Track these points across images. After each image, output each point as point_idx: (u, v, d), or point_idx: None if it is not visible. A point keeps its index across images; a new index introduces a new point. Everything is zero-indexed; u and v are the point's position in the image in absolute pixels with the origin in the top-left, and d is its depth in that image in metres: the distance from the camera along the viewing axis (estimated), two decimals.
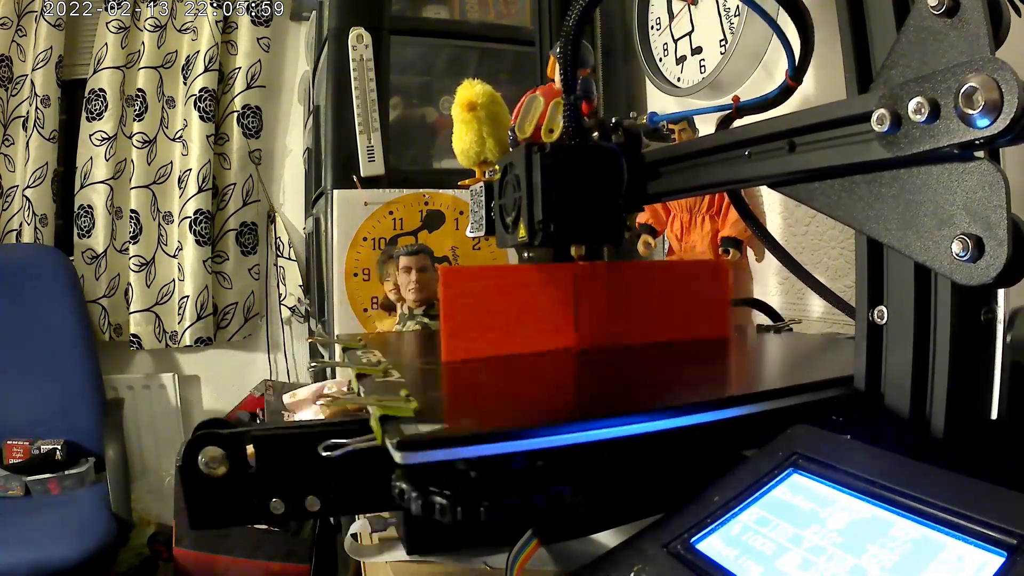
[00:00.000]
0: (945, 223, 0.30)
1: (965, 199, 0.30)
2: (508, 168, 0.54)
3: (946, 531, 0.25)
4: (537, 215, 0.50)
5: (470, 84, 0.60)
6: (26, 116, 1.79)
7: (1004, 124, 0.27)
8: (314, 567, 1.49)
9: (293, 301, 1.91)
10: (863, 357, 0.38)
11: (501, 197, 0.56)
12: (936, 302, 0.35)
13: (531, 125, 0.54)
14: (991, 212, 0.29)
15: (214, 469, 0.40)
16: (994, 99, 0.27)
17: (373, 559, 0.49)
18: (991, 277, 0.28)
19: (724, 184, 0.46)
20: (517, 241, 0.53)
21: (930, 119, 0.29)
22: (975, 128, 0.27)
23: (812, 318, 0.85)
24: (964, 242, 0.29)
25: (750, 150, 0.41)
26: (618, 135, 0.54)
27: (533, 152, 0.50)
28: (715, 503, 0.32)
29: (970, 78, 0.27)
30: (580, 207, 0.51)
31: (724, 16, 0.94)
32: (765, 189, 0.92)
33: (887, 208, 0.33)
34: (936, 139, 0.29)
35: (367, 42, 1.17)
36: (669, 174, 0.50)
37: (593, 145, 0.53)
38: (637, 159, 0.52)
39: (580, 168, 0.51)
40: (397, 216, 1.17)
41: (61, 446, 1.57)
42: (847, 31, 0.37)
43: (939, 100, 0.29)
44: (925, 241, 0.31)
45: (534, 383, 0.49)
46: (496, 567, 0.44)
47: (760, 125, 0.40)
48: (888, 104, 0.31)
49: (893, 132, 0.31)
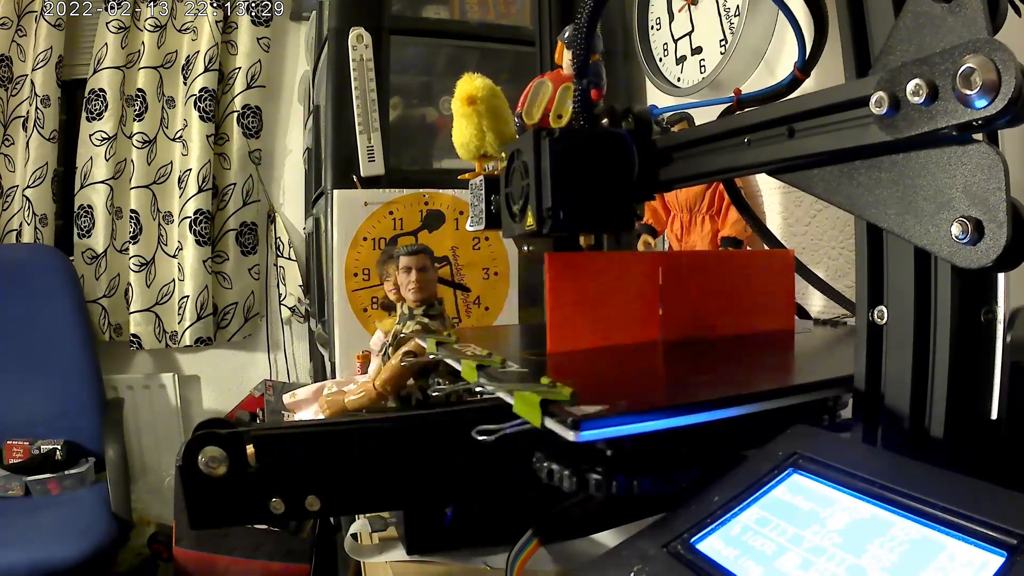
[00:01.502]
0: (944, 207, 0.30)
1: (964, 182, 0.30)
2: (515, 155, 0.53)
3: (946, 531, 0.25)
4: (546, 202, 0.49)
5: (470, 78, 0.60)
6: (26, 116, 1.79)
7: (1002, 104, 0.27)
8: (314, 567, 1.49)
9: (293, 301, 1.91)
10: (863, 357, 0.38)
11: (508, 185, 0.55)
12: (936, 302, 0.35)
13: (539, 110, 0.52)
14: (990, 194, 0.29)
15: (214, 469, 0.40)
16: (992, 80, 0.27)
17: (373, 559, 0.49)
18: (991, 260, 0.28)
19: (725, 171, 0.45)
20: (525, 230, 0.52)
21: (928, 101, 0.29)
22: (973, 109, 0.27)
23: (812, 318, 0.85)
24: (964, 224, 0.29)
25: (749, 137, 0.41)
26: (628, 122, 0.53)
27: (542, 137, 0.49)
28: (715, 503, 0.32)
29: (968, 59, 0.27)
30: (590, 194, 0.50)
31: (724, 16, 0.94)
32: (764, 189, 0.92)
33: (886, 193, 0.33)
34: (934, 121, 0.29)
35: (367, 42, 1.17)
36: (678, 161, 0.49)
37: (603, 131, 0.52)
38: (647, 146, 0.51)
39: (590, 154, 0.50)
40: (397, 216, 1.17)
41: (61, 446, 1.57)
42: (845, 18, 0.37)
43: (937, 82, 0.29)
44: (925, 225, 0.31)
45: (644, 368, 0.50)
46: (496, 567, 0.44)
47: (760, 111, 0.40)
48: (886, 87, 0.31)
49: (892, 115, 0.31)
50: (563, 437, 0.33)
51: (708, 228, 0.93)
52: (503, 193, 0.56)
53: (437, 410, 0.55)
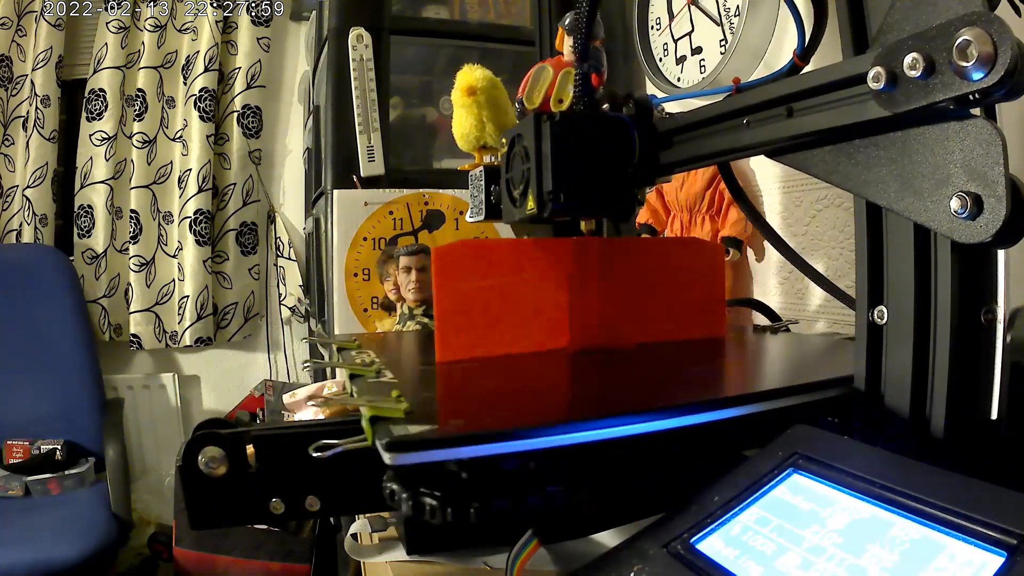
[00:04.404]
0: (944, 183, 0.30)
1: (963, 157, 0.30)
2: (516, 140, 0.53)
3: (946, 531, 0.25)
4: (547, 185, 0.48)
5: (470, 69, 0.60)
6: (26, 116, 1.79)
7: (998, 76, 0.27)
8: (314, 567, 1.49)
9: (293, 301, 1.91)
10: (863, 357, 0.38)
11: (508, 171, 0.55)
12: (936, 302, 0.35)
13: (540, 95, 0.52)
14: (989, 169, 0.29)
15: (214, 469, 0.40)
16: (988, 52, 0.27)
17: (373, 559, 0.49)
18: (990, 234, 0.29)
19: (726, 153, 0.45)
20: (526, 214, 0.52)
21: (925, 74, 0.29)
22: (970, 81, 0.28)
23: (812, 318, 0.85)
24: (963, 199, 0.29)
25: (749, 118, 0.41)
26: (628, 107, 0.52)
27: (543, 121, 0.49)
28: (715, 503, 0.31)
29: (964, 32, 0.27)
30: (591, 178, 0.49)
31: (724, 16, 0.94)
32: (764, 189, 0.92)
33: (885, 171, 0.33)
34: (932, 94, 0.29)
35: (367, 42, 1.17)
36: (678, 144, 0.49)
37: (604, 115, 0.52)
38: (648, 130, 0.51)
39: (591, 138, 0.49)
40: (397, 216, 1.17)
41: (61, 446, 1.57)
42: (843, 0, 0.37)
43: (934, 56, 0.29)
44: (924, 202, 0.31)
45: (528, 383, 0.48)
46: (496, 567, 0.44)
47: (759, 92, 0.40)
48: (884, 62, 0.31)
49: (889, 89, 0.31)
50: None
51: (708, 228, 0.93)
52: (503, 179, 0.56)
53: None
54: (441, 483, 0.33)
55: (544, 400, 0.44)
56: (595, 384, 0.49)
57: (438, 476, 0.33)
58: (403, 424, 0.33)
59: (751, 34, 0.89)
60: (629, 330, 0.55)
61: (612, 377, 0.49)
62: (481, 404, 0.43)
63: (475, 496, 0.33)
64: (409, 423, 0.33)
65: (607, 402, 0.42)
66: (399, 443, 0.31)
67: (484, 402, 0.44)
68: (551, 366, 0.51)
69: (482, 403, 0.43)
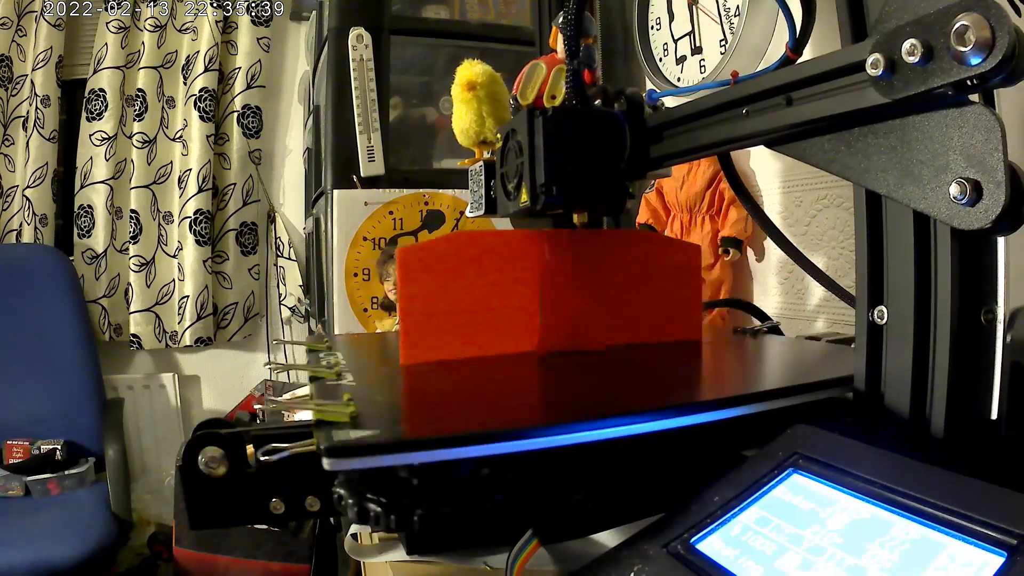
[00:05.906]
0: (943, 170, 0.30)
1: (962, 144, 0.30)
2: (510, 134, 0.53)
3: (946, 531, 0.25)
4: (539, 179, 0.49)
5: (470, 64, 0.60)
6: (26, 116, 1.79)
7: (996, 60, 0.27)
8: (314, 567, 1.49)
9: (293, 301, 1.91)
10: (863, 357, 0.38)
11: (503, 165, 0.55)
12: (936, 302, 0.35)
13: (533, 91, 0.53)
14: (988, 155, 0.29)
15: (214, 469, 0.40)
16: (986, 37, 0.27)
17: (373, 559, 0.49)
18: (990, 220, 0.29)
19: (724, 143, 0.45)
20: (519, 207, 0.52)
21: (924, 60, 0.29)
22: (968, 66, 0.28)
23: (812, 318, 0.85)
24: (962, 185, 0.29)
25: (748, 108, 0.41)
26: (620, 103, 0.53)
27: (535, 116, 0.49)
28: (715, 503, 0.31)
29: (962, 17, 0.27)
30: (583, 171, 0.50)
31: (724, 16, 0.94)
32: (764, 189, 0.92)
33: (884, 159, 0.33)
34: (930, 80, 0.29)
35: (367, 42, 1.17)
36: (670, 138, 0.50)
37: (596, 110, 0.53)
38: (639, 126, 0.52)
39: (582, 132, 0.50)
40: (397, 216, 1.17)
41: (61, 446, 1.57)
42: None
43: (932, 42, 0.29)
44: (923, 189, 0.31)
45: (488, 386, 0.47)
46: (496, 567, 0.44)
47: (758, 82, 0.40)
48: (882, 48, 0.31)
49: (888, 76, 0.31)
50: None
51: (708, 228, 0.93)
52: (499, 173, 0.56)
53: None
54: (391, 489, 0.32)
55: (500, 404, 0.43)
56: (554, 388, 0.48)
57: (389, 481, 0.32)
58: (347, 429, 0.33)
59: (751, 34, 0.89)
60: (600, 332, 0.55)
61: (577, 382, 0.49)
62: (434, 409, 0.42)
63: (422, 503, 0.32)
64: (353, 427, 0.33)
65: (559, 407, 0.41)
66: (338, 448, 0.31)
67: (437, 407, 0.43)
68: (515, 369, 0.51)
69: (435, 408, 0.43)
